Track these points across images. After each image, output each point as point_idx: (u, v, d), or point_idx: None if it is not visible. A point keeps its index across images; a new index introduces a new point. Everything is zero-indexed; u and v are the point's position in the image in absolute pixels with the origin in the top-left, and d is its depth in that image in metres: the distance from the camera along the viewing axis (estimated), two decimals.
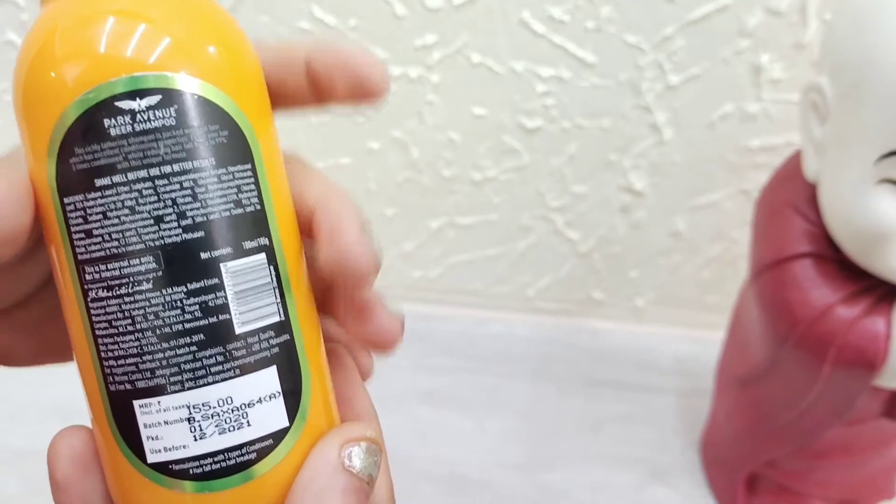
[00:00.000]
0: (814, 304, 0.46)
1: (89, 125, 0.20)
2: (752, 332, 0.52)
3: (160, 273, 0.21)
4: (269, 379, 0.22)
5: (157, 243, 0.21)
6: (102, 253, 0.21)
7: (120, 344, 0.21)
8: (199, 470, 0.21)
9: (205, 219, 0.21)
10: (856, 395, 0.47)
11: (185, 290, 0.21)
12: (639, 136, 0.65)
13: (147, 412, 0.21)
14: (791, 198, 0.49)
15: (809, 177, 0.47)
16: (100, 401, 0.22)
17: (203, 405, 0.21)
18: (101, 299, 0.21)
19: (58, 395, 0.46)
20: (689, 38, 0.61)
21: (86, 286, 0.21)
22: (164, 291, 0.21)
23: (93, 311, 0.21)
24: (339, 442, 0.23)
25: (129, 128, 0.20)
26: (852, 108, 0.42)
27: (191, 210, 0.21)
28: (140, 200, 0.21)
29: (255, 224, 0.22)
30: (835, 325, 0.45)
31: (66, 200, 0.21)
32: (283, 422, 0.22)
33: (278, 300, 0.22)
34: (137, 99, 0.20)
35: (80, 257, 0.21)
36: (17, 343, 0.26)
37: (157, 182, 0.21)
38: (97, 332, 0.21)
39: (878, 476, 0.56)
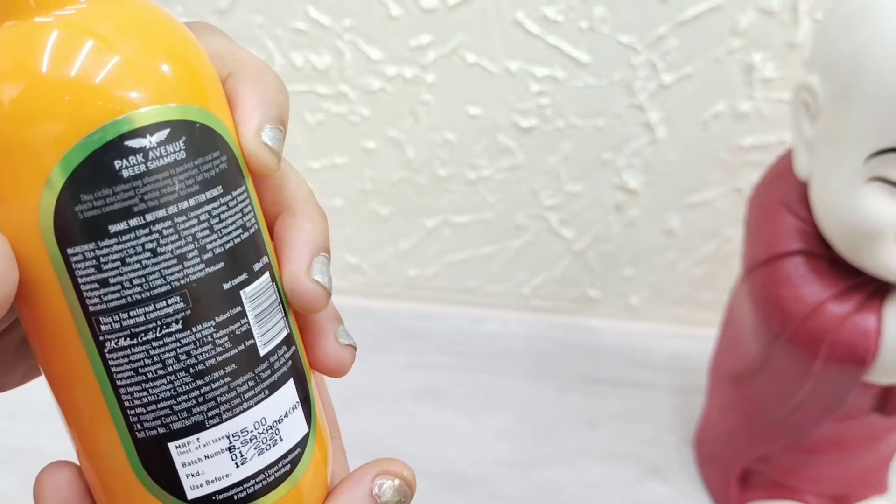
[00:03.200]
0: (805, 301, 0.46)
1: (97, 168, 0.19)
2: (744, 329, 0.53)
3: (189, 312, 0.20)
4: (290, 392, 0.22)
5: (182, 282, 0.20)
6: (122, 301, 0.20)
7: (149, 390, 0.20)
8: (243, 493, 0.21)
9: (222, 249, 0.21)
10: (847, 391, 0.47)
11: (213, 323, 0.20)
12: (632, 135, 0.66)
13: (185, 451, 0.21)
14: (783, 196, 0.49)
15: (801, 175, 0.47)
16: (120, 451, 0.21)
17: (242, 432, 0.21)
18: (123, 348, 0.20)
19: None
20: (681, 38, 0.61)
21: (101, 337, 0.20)
22: (194, 329, 0.20)
23: (112, 362, 0.20)
24: (375, 471, 0.24)
25: (143, 167, 0.19)
26: (843, 106, 0.43)
27: (210, 243, 0.20)
28: (161, 241, 0.20)
29: (257, 244, 0.22)
30: (826, 322, 0.46)
31: (70, 251, 0.19)
32: (304, 428, 0.23)
33: (283, 315, 0.23)
34: (148, 136, 0.19)
35: (91, 309, 0.20)
36: (6, 369, 0.25)
37: (176, 220, 0.20)
38: (118, 383, 0.20)
39: (870, 471, 0.56)
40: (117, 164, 0.19)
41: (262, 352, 0.21)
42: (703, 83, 0.63)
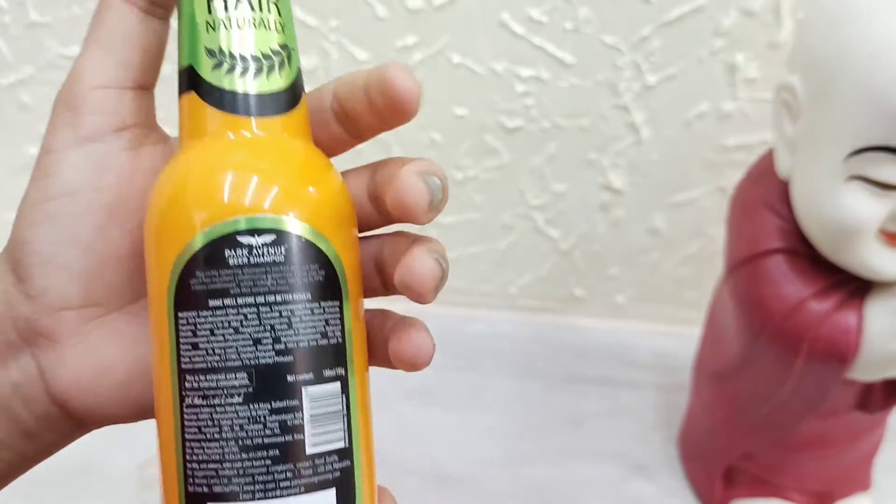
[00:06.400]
0: (787, 299, 0.47)
1: (211, 254, 0.23)
2: (727, 328, 0.53)
3: (250, 389, 0.23)
4: (327, 500, 0.24)
5: (252, 362, 0.23)
6: (204, 365, 0.23)
7: (205, 449, 0.23)
8: None
9: (295, 345, 0.23)
10: (829, 388, 0.48)
11: (269, 407, 0.23)
12: (617, 135, 0.66)
13: None
14: (764, 195, 0.50)
15: (782, 174, 0.48)
16: (175, 495, 0.24)
17: None
18: (196, 406, 0.23)
19: None
20: (665, 39, 0.62)
21: (183, 392, 0.23)
22: (251, 406, 0.23)
23: (186, 416, 0.23)
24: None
25: (246, 259, 0.23)
26: (823, 105, 0.43)
27: (285, 336, 0.23)
28: (244, 323, 0.23)
29: (335, 355, 0.24)
30: (807, 320, 0.46)
31: (180, 315, 0.23)
32: None
33: (345, 428, 0.24)
34: (255, 236, 0.23)
35: (183, 366, 0.23)
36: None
37: (260, 308, 0.23)
38: (186, 436, 0.23)
39: (854, 468, 0.57)
40: (227, 252, 0.23)
41: (309, 451, 0.23)
42: (687, 83, 0.64)
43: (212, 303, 0.23)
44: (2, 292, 0.26)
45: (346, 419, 0.24)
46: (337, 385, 0.24)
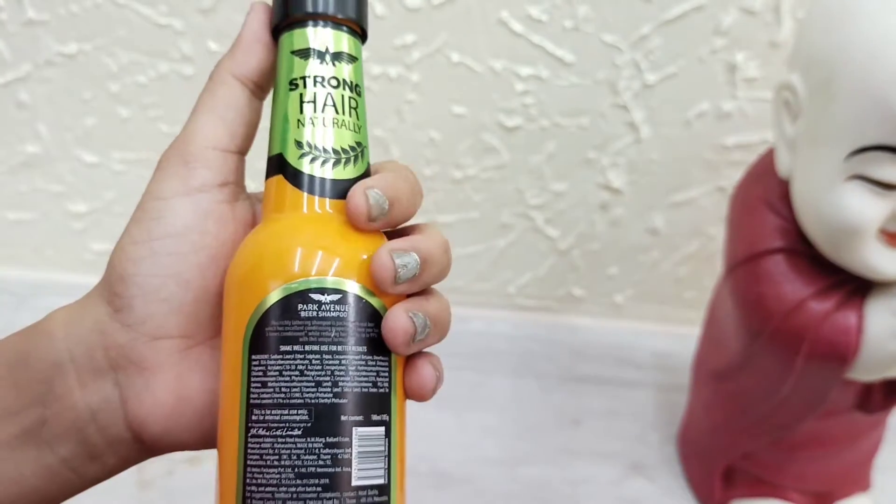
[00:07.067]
0: (787, 299, 0.47)
1: (287, 306, 0.27)
2: (727, 327, 0.53)
3: (309, 424, 0.27)
4: None
5: (312, 401, 0.27)
6: (270, 400, 0.27)
7: (265, 474, 0.26)
8: None
9: (350, 390, 0.27)
10: (829, 388, 0.48)
11: (324, 441, 0.27)
12: (616, 134, 0.66)
13: None
14: (764, 194, 0.50)
15: (782, 173, 0.48)
16: None
17: None
18: (260, 436, 0.27)
19: None
20: (665, 38, 0.62)
21: (249, 424, 0.27)
22: (308, 439, 0.26)
23: (250, 445, 0.27)
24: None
25: (315, 313, 0.27)
26: (823, 105, 0.43)
27: (342, 381, 0.27)
28: (309, 367, 0.27)
29: (382, 402, 0.28)
30: (807, 319, 0.46)
31: (253, 357, 0.27)
32: None
33: (386, 467, 0.28)
34: (325, 294, 0.27)
35: (251, 401, 0.27)
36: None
37: (324, 356, 0.27)
38: (248, 462, 0.27)
39: (853, 468, 0.57)
40: (300, 306, 0.27)
41: (355, 483, 0.27)
42: (687, 82, 0.63)
43: (283, 348, 0.27)
44: (95, 322, 0.29)
45: (387, 459, 0.28)
46: (382, 429, 0.28)
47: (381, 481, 0.28)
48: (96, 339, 0.29)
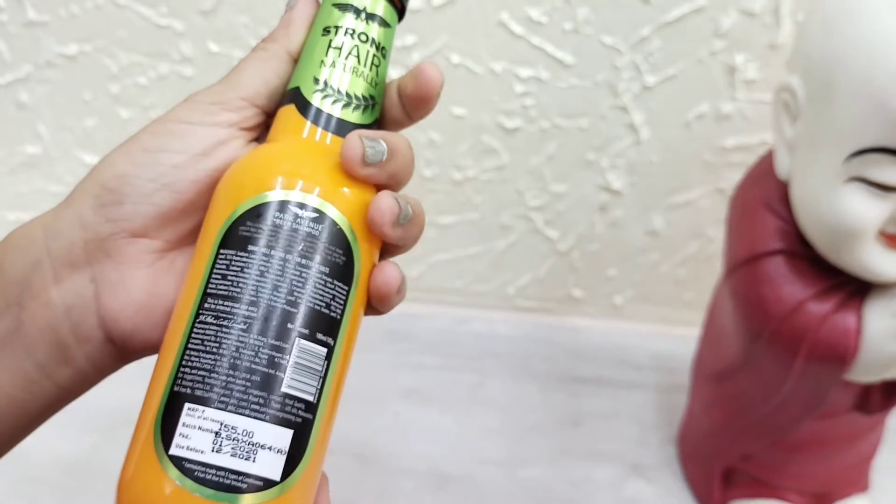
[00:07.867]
0: (786, 300, 0.47)
1: (265, 211, 0.28)
2: (726, 328, 0.53)
3: (253, 322, 0.27)
4: (284, 437, 0.27)
5: (264, 302, 0.28)
6: (225, 292, 0.28)
7: (200, 358, 0.27)
8: (203, 475, 0.26)
9: (303, 302, 0.28)
10: (828, 389, 0.48)
11: (264, 341, 0.27)
12: (616, 135, 0.66)
13: (191, 415, 0.27)
14: (764, 196, 0.50)
15: (782, 175, 0.48)
16: (161, 393, 0.27)
17: (231, 427, 0.26)
18: (206, 323, 0.28)
19: None
20: (664, 40, 0.62)
21: (200, 310, 0.28)
22: (251, 335, 0.27)
23: (195, 329, 0.28)
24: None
25: (290, 224, 0.28)
26: (823, 107, 0.43)
27: (298, 291, 0.28)
28: (270, 270, 0.28)
29: (331, 326, 0.29)
30: (807, 321, 0.46)
31: (221, 251, 0.28)
32: (276, 475, 0.27)
33: (318, 387, 0.28)
34: (304, 210, 0.29)
35: (209, 290, 0.28)
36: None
37: (286, 264, 0.28)
38: (189, 345, 0.27)
39: (852, 469, 0.57)
40: (277, 214, 0.28)
41: (283, 389, 0.27)
42: (686, 84, 0.64)
43: (251, 247, 0.28)
44: (77, 216, 0.29)
45: (321, 381, 0.28)
46: (324, 350, 0.28)
47: (309, 398, 0.28)
48: (77, 233, 0.29)
